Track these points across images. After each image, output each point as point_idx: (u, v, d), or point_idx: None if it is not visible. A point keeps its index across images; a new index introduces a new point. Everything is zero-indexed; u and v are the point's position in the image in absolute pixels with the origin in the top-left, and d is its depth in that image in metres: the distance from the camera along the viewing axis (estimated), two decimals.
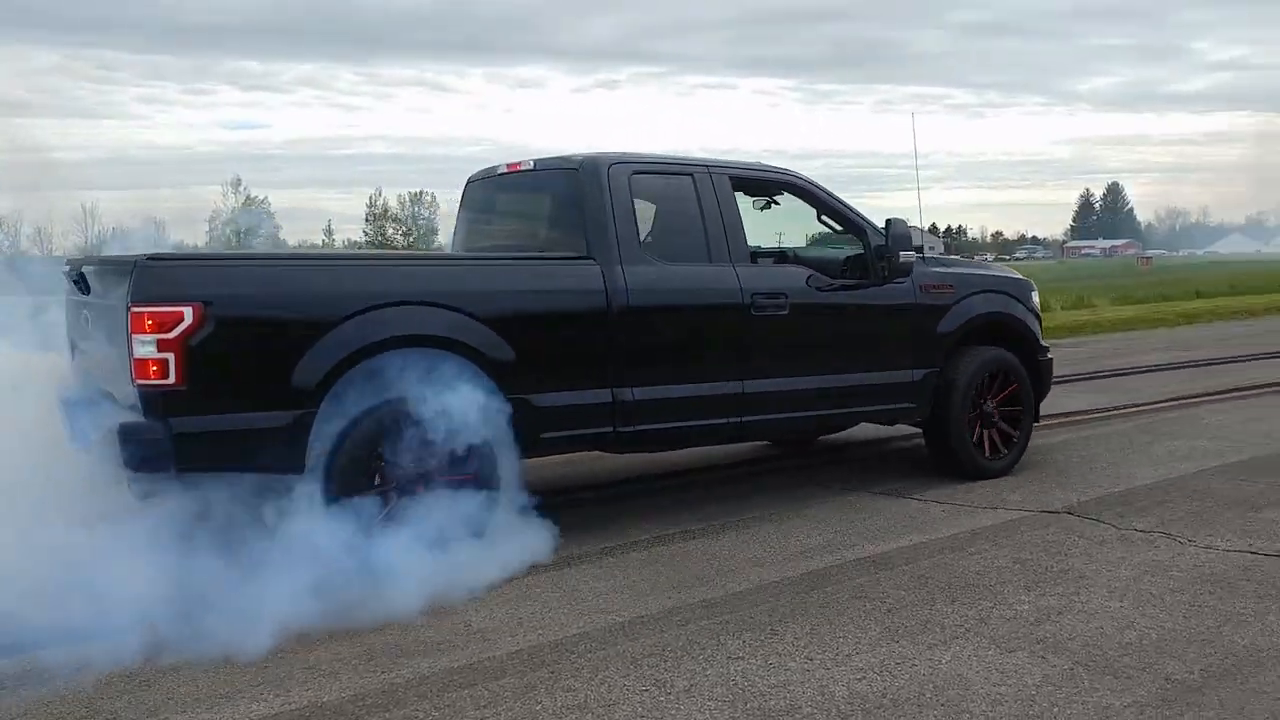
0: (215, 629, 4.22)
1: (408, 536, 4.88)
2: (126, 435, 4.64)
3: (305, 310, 5.00)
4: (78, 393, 5.49)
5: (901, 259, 6.59)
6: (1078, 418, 9.40)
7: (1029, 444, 7.43)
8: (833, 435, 8.14)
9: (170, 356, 4.61)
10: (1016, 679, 3.79)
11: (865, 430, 8.04)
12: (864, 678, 3.84)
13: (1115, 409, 9.89)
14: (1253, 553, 5.24)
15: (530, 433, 5.53)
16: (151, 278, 4.67)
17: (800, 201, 6.94)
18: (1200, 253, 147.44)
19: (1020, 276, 7.77)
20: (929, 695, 3.68)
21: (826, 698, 3.67)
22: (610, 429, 5.86)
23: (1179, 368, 13.21)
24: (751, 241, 6.53)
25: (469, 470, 5.24)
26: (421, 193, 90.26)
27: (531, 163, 6.55)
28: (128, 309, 4.62)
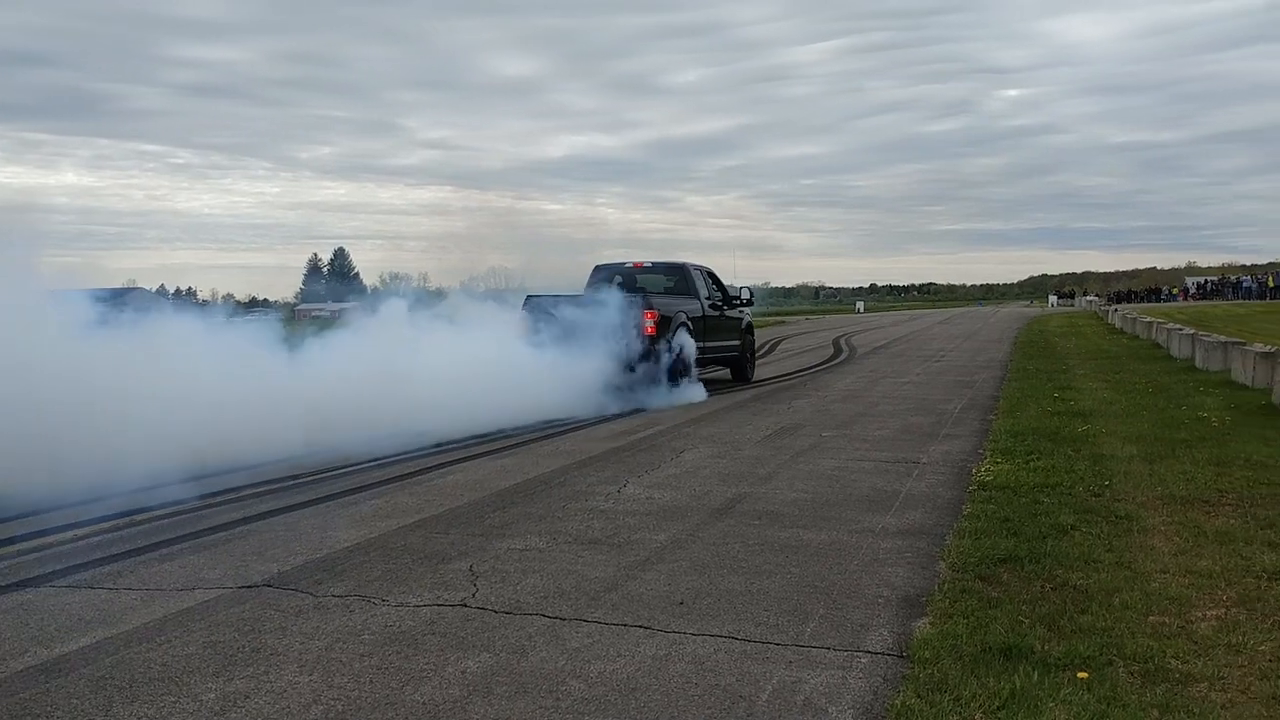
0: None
1: (684, 385, 16.59)
2: (643, 349, 15.89)
3: (670, 313, 16.72)
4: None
5: (751, 298, 20.38)
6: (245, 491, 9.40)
7: None
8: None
9: (653, 324, 16.02)
10: None
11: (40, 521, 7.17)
12: None
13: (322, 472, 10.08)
14: (439, 605, 5.54)
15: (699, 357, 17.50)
16: (649, 301, 16.50)
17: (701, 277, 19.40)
18: None
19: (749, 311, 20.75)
20: None
21: None
22: (703, 357, 17.52)
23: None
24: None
25: (690, 364, 17.01)
26: None
27: (650, 263, 18.89)
28: (644, 309, 16.07)
